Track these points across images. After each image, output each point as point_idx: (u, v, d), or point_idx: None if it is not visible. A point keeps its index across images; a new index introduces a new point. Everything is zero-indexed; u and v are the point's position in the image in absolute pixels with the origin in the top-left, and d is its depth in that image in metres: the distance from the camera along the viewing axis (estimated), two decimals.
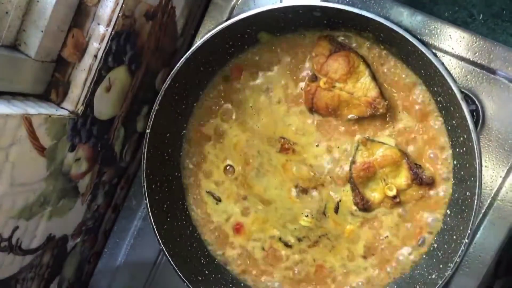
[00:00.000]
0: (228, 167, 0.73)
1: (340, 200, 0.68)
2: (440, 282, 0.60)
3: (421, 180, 0.66)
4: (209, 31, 0.66)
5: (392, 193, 0.66)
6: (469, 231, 0.58)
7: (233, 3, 0.81)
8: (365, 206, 0.67)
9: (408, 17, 0.73)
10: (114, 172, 0.82)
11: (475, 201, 0.57)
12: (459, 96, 0.56)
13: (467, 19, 0.89)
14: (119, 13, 0.64)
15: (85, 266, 0.86)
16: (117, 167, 0.82)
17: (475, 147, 0.56)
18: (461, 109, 0.57)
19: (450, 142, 0.66)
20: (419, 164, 0.67)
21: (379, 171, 0.67)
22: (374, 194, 0.67)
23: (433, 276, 0.62)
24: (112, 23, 0.64)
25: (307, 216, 0.70)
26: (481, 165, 0.57)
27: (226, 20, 0.65)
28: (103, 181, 0.80)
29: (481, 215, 0.70)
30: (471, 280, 0.71)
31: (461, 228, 0.60)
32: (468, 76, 0.71)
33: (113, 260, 0.88)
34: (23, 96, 0.62)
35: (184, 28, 0.82)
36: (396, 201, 0.66)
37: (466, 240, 0.58)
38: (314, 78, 0.68)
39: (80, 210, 0.77)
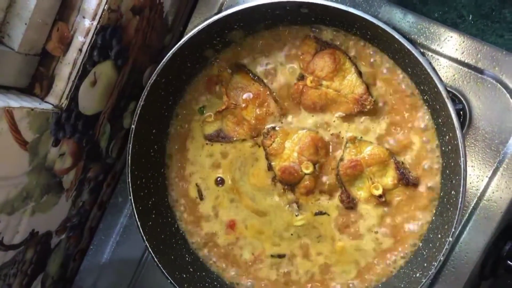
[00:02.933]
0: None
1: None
2: (424, 281, 0.59)
3: (408, 181, 0.65)
4: (196, 26, 0.65)
5: (378, 192, 0.65)
6: (453, 229, 0.57)
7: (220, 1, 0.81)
8: (350, 204, 0.66)
9: (396, 16, 0.73)
10: (100, 169, 0.81)
11: (460, 199, 0.57)
12: (444, 94, 0.56)
13: (457, 20, 0.89)
14: (104, 6, 0.63)
15: (70, 263, 0.86)
16: (103, 163, 0.81)
17: (460, 145, 0.56)
18: (447, 107, 0.56)
19: (438, 141, 0.66)
20: (406, 164, 0.67)
21: (366, 170, 0.67)
22: (360, 192, 0.67)
23: (417, 274, 0.62)
24: (98, 17, 0.63)
25: (297, 215, 0.69)
26: (465, 164, 0.57)
27: (213, 16, 0.65)
28: (88, 177, 0.79)
29: (467, 215, 0.70)
30: (456, 280, 0.71)
31: (445, 227, 0.60)
32: (455, 75, 0.71)
33: (99, 257, 0.88)
34: (5, 89, 0.62)
35: (173, 24, 0.81)
36: (381, 200, 0.65)
37: (450, 239, 0.58)
38: (301, 77, 0.68)
39: (65, 206, 0.76)
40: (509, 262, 0.72)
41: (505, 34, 0.86)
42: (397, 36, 0.57)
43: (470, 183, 0.70)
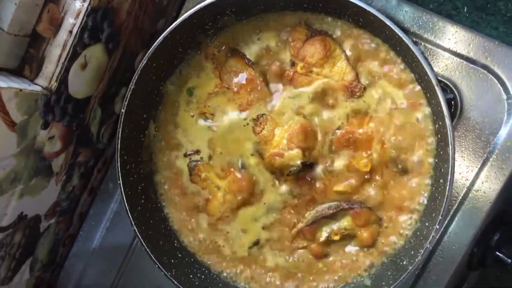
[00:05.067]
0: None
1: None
2: (410, 268, 0.59)
3: (396, 165, 0.65)
4: (187, 11, 0.65)
5: (366, 169, 0.65)
6: (440, 217, 0.57)
7: None
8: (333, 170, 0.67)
9: (390, 5, 0.73)
10: (91, 154, 0.81)
11: (447, 187, 0.57)
12: (434, 82, 0.56)
13: (452, 11, 0.88)
14: None
15: (59, 248, 0.85)
16: (93, 148, 0.81)
17: (448, 133, 0.56)
18: (437, 95, 0.56)
19: (432, 130, 0.65)
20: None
21: (360, 145, 0.66)
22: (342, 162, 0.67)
23: (404, 262, 0.62)
24: None
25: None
26: (453, 152, 0.57)
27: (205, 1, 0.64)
28: (78, 162, 0.79)
29: (456, 205, 0.70)
30: (444, 270, 0.71)
31: (433, 215, 0.60)
32: (447, 65, 0.70)
33: (89, 243, 0.88)
34: None
35: (166, 8, 0.81)
36: (367, 177, 0.65)
37: (437, 226, 0.58)
38: (292, 63, 0.68)
39: (54, 190, 0.76)
40: (497, 252, 0.72)
41: (499, 26, 0.85)
42: (388, 22, 0.57)
43: (460, 173, 0.70)
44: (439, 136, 0.61)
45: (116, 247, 0.86)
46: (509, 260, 0.71)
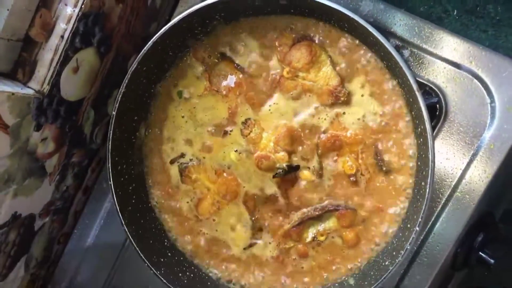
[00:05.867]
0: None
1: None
2: (391, 268, 0.61)
3: (381, 168, 0.67)
4: (178, 15, 0.66)
5: (351, 171, 0.67)
6: (420, 219, 0.59)
7: None
8: (319, 172, 0.68)
9: (377, 9, 0.74)
10: (84, 154, 0.82)
11: (427, 189, 0.58)
12: (415, 87, 0.57)
13: (442, 14, 0.89)
14: None
15: (54, 246, 0.87)
16: (87, 149, 0.82)
17: (428, 137, 0.57)
18: (417, 100, 0.58)
19: (413, 133, 0.67)
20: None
21: (345, 148, 0.68)
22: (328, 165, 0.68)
23: (386, 263, 0.64)
24: (79, 4, 0.65)
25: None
26: (433, 155, 0.58)
27: (194, 6, 0.66)
28: (72, 162, 0.80)
29: (440, 207, 0.71)
30: (428, 270, 0.72)
31: (415, 216, 0.61)
32: (432, 69, 0.72)
33: (83, 241, 0.89)
34: None
35: (158, 12, 0.83)
36: (352, 179, 0.67)
37: (417, 228, 0.59)
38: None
39: (48, 190, 0.78)
40: (480, 253, 0.73)
41: (489, 29, 0.86)
42: (370, 28, 0.58)
43: (445, 175, 0.71)
44: (421, 139, 0.63)
45: (110, 245, 0.88)
46: (492, 261, 0.73)
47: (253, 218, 0.72)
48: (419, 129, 0.63)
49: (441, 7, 0.88)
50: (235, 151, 0.70)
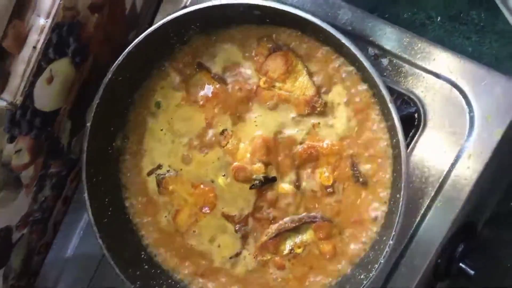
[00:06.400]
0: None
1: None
2: (365, 283, 0.60)
3: (357, 179, 0.66)
4: (152, 25, 0.66)
5: (328, 183, 0.66)
6: (393, 233, 0.58)
7: None
8: (296, 184, 0.67)
9: (356, 18, 0.73)
10: (62, 164, 0.81)
11: (400, 202, 0.58)
12: (388, 99, 0.57)
13: (425, 21, 0.89)
14: (59, 5, 0.64)
15: (33, 257, 0.86)
16: (65, 159, 0.81)
17: (402, 149, 0.57)
18: (391, 112, 0.57)
19: (390, 144, 0.66)
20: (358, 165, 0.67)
21: (322, 159, 0.67)
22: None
23: (362, 276, 0.63)
24: (52, 15, 0.64)
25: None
26: (407, 167, 0.58)
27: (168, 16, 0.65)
28: (50, 173, 0.80)
29: (419, 217, 0.71)
30: (408, 281, 0.72)
31: (389, 230, 0.61)
32: (411, 78, 0.71)
33: (63, 251, 0.89)
34: None
35: (137, 19, 0.82)
36: (329, 191, 0.66)
37: (391, 242, 0.58)
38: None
39: (25, 201, 0.77)
40: (461, 264, 0.73)
41: (472, 36, 0.86)
42: (343, 39, 0.58)
43: (424, 184, 0.70)
44: (396, 150, 0.62)
45: (89, 256, 0.87)
46: (472, 272, 0.72)
47: (236, 228, 0.72)
48: (394, 140, 0.62)
49: (425, 13, 0.87)
50: (222, 175, 0.70)
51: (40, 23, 0.64)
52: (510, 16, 0.71)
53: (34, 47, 0.64)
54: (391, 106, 0.56)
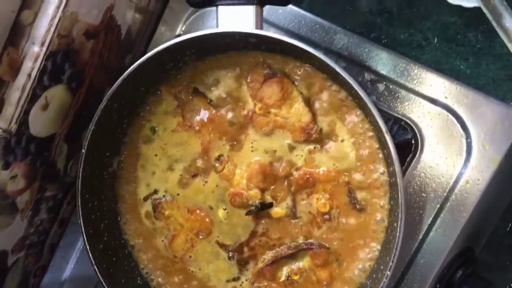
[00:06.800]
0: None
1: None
2: None
3: (354, 206, 0.66)
4: (147, 53, 0.65)
5: (325, 209, 0.66)
6: (391, 263, 0.58)
7: (183, 21, 0.81)
8: (292, 210, 0.67)
9: (351, 43, 0.73)
10: (58, 188, 0.81)
11: (398, 232, 0.57)
12: (384, 129, 0.56)
13: (422, 42, 0.89)
14: (53, 33, 0.64)
15: (29, 280, 0.86)
16: (61, 182, 0.81)
17: (398, 179, 0.57)
18: (387, 141, 0.57)
19: (386, 171, 0.66)
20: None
21: (318, 186, 0.67)
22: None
23: None
24: (47, 43, 0.64)
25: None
26: (403, 197, 0.57)
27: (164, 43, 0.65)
28: (46, 196, 0.79)
29: (417, 243, 0.70)
30: None
31: (387, 258, 0.60)
32: (407, 104, 0.71)
33: (59, 274, 0.88)
34: None
35: (134, 44, 0.82)
36: (326, 217, 0.66)
37: (388, 272, 0.58)
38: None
39: (21, 225, 0.77)
40: None
41: (469, 57, 0.86)
42: (338, 69, 0.58)
43: (421, 211, 0.70)
44: (392, 179, 0.62)
45: (87, 277, 0.87)
46: None
47: (229, 255, 0.71)
48: (391, 169, 0.62)
49: (421, 34, 0.87)
50: (223, 209, 0.69)
51: (35, 51, 0.64)
52: (506, 38, 0.70)
53: (29, 75, 0.64)
54: (387, 137, 0.56)
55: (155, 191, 0.73)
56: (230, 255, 0.70)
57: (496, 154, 0.66)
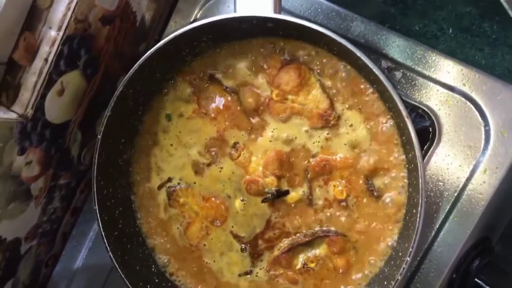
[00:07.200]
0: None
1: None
2: None
3: (371, 193, 0.65)
4: (167, 35, 0.65)
5: (341, 196, 0.65)
6: (410, 249, 0.57)
7: (197, 9, 0.81)
8: (309, 197, 0.66)
9: (368, 30, 0.73)
10: (72, 176, 0.81)
11: (418, 218, 0.56)
12: (404, 113, 0.56)
13: (437, 33, 0.88)
14: (70, 17, 0.63)
15: (41, 269, 0.86)
16: (75, 170, 0.81)
17: (418, 164, 0.56)
18: (407, 126, 0.56)
19: (405, 158, 0.65)
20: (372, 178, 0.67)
21: (335, 172, 0.66)
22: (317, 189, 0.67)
23: None
24: (63, 27, 0.64)
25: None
26: (424, 183, 0.56)
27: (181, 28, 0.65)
28: (59, 184, 0.79)
29: (434, 232, 0.70)
30: None
31: (406, 245, 0.60)
32: (425, 91, 0.70)
33: (71, 263, 0.88)
34: None
35: (148, 32, 0.81)
36: (343, 205, 0.65)
37: (408, 259, 0.57)
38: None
39: (34, 213, 0.76)
40: (476, 279, 0.71)
41: (484, 48, 0.85)
42: (358, 53, 0.57)
43: (439, 198, 0.69)
44: (411, 165, 0.61)
45: (99, 267, 0.86)
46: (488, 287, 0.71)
47: (242, 247, 0.71)
48: (410, 155, 0.61)
49: (436, 25, 0.86)
50: (241, 200, 0.69)
51: (52, 35, 0.64)
52: None
53: (46, 59, 0.64)
54: (407, 121, 0.55)
55: (169, 179, 0.73)
56: (243, 247, 0.70)
57: None
